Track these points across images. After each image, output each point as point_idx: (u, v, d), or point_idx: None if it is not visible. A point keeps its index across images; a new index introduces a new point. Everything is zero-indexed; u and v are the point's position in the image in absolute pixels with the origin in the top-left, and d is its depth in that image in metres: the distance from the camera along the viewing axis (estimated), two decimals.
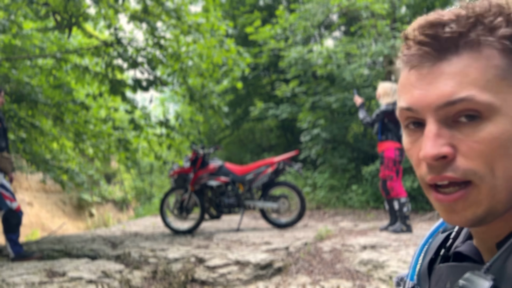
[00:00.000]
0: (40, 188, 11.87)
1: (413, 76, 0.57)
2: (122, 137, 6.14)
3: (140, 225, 7.39)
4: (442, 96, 0.54)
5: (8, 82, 5.80)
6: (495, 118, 0.53)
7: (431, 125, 0.55)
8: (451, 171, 0.54)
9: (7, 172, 4.37)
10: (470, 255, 0.61)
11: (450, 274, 0.60)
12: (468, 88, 0.53)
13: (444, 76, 0.54)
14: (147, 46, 5.81)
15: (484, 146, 0.53)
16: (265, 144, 11.94)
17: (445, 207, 0.56)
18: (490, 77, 0.53)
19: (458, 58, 0.54)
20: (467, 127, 0.54)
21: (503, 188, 0.54)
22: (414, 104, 0.56)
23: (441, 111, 0.54)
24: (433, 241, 0.72)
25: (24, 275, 3.74)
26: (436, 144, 0.53)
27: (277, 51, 9.01)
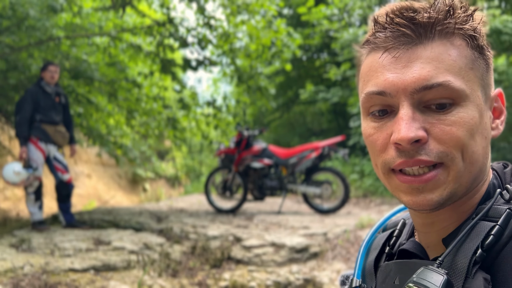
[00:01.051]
0: (98, 161, 12.51)
1: (386, 60, 0.56)
2: (171, 115, 6.30)
3: (186, 201, 7.61)
4: (419, 79, 0.54)
5: (67, 59, 6.10)
6: (465, 105, 0.55)
7: (406, 109, 0.55)
8: (425, 154, 0.54)
9: (61, 145, 4.62)
10: (415, 252, 0.62)
11: (399, 271, 0.60)
12: (444, 73, 0.54)
13: (420, 60, 0.54)
14: (197, 26, 5.87)
15: (456, 129, 0.54)
16: (315, 128, 11.79)
17: (411, 189, 0.56)
18: (462, 65, 0.55)
19: (432, 44, 0.55)
20: (439, 113, 0.55)
21: (468, 171, 0.56)
22: (388, 87, 0.56)
23: (416, 95, 0.55)
24: (375, 239, 0.72)
25: (74, 241, 3.99)
26: (412, 127, 0.54)
27: (330, 32, 8.79)
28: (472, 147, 0.55)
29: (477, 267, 0.52)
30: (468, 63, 0.56)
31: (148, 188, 14.15)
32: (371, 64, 0.58)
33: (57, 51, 5.87)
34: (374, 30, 0.58)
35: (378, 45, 0.57)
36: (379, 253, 0.68)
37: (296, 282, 3.44)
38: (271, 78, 9.44)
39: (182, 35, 5.92)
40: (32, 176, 4.32)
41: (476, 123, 0.55)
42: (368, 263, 0.69)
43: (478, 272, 0.52)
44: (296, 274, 3.52)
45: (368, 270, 0.68)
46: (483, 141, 0.57)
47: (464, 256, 0.53)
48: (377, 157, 0.59)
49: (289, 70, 6.95)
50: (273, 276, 3.51)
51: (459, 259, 0.54)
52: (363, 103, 0.60)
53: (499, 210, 0.55)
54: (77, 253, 3.72)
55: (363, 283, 0.67)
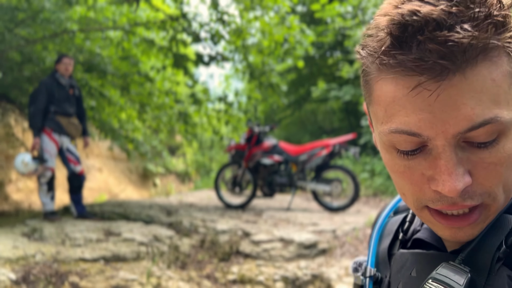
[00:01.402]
0: (109, 155, 12.62)
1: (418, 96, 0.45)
2: (183, 110, 6.33)
3: (196, 196, 7.64)
4: (464, 121, 0.44)
5: (81, 52, 6.16)
6: (511, 134, 0.47)
7: (448, 153, 0.46)
8: (469, 199, 0.48)
9: (73, 137, 4.67)
10: (432, 243, 0.58)
11: (416, 262, 0.57)
12: (490, 107, 0.44)
13: (462, 95, 0.44)
14: (210, 21, 5.88)
15: (500, 166, 0.47)
16: (327, 127, 11.75)
17: (451, 229, 0.51)
18: (506, 89, 0.45)
19: (473, 69, 0.43)
20: (482, 150, 0.47)
21: (506, 198, 0.51)
22: (424, 130, 0.46)
23: (459, 136, 0.46)
24: (387, 224, 0.68)
25: (84, 232, 4.03)
26: (459, 176, 0.46)
27: (344, 30, 8.74)
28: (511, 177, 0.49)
29: (501, 264, 0.49)
30: (510, 82, 0.46)
31: (158, 183, 14.24)
32: (394, 95, 0.47)
33: (71, 44, 5.93)
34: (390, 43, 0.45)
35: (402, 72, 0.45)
36: (392, 239, 0.65)
37: (304, 277, 3.43)
38: (283, 75, 9.42)
39: (195, 30, 5.94)
40: (40, 167, 4.37)
41: None
42: (382, 250, 0.65)
43: (501, 269, 0.49)
44: (304, 270, 3.52)
45: (382, 257, 0.64)
46: None
47: (487, 252, 0.50)
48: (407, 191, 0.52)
49: (301, 67, 6.94)
50: (281, 271, 3.51)
51: (482, 255, 0.50)
52: (387, 140, 0.50)
53: None
54: (88, 243, 3.77)
55: (378, 271, 0.63)
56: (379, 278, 0.63)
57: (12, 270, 3.00)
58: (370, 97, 0.52)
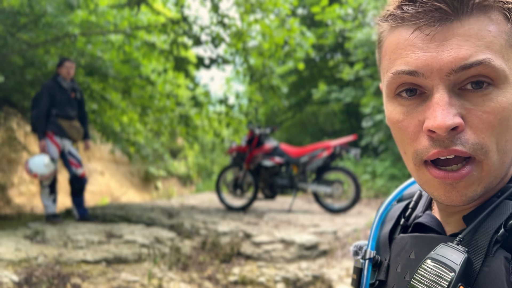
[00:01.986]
0: (111, 159, 12.65)
1: (418, 38, 0.50)
2: (184, 113, 6.35)
3: (198, 199, 7.65)
4: (457, 59, 0.49)
5: (83, 56, 6.19)
6: (505, 87, 0.50)
7: (442, 93, 0.50)
8: (460, 144, 0.50)
9: (75, 140, 4.69)
10: (432, 226, 0.60)
11: (415, 245, 0.59)
12: (484, 51, 0.49)
13: (457, 37, 0.49)
14: (211, 24, 5.91)
15: (493, 117, 0.50)
16: (328, 129, 11.76)
17: (445, 186, 0.52)
18: (502, 43, 0.50)
19: (469, 19, 0.49)
20: (476, 96, 0.50)
21: (500, 162, 0.52)
22: (421, 67, 0.50)
23: (453, 76, 0.49)
24: (390, 210, 0.70)
25: (86, 234, 4.05)
26: (449, 114, 0.49)
27: (344, 32, 8.76)
28: (507, 136, 0.51)
29: (498, 246, 0.50)
30: (508, 40, 0.50)
31: (160, 186, 14.26)
32: (398, 41, 0.52)
33: (72, 48, 5.96)
34: (400, 2, 0.52)
35: (406, 21, 0.51)
36: (394, 224, 0.66)
37: (305, 278, 3.44)
38: (284, 78, 9.44)
39: (196, 33, 5.97)
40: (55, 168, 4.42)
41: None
42: (383, 235, 0.66)
43: (498, 251, 0.50)
44: (305, 271, 3.53)
45: (383, 241, 0.66)
46: None
47: (485, 234, 0.51)
48: (407, 146, 0.54)
49: (302, 69, 6.96)
50: (282, 272, 3.52)
51: (480, 237, 0.51)
52: (390, 83, 0.54)
53: None
54: (90, 245, 3.78)
55: (377, 254, 0.65)
56: (378, 260, 0.64)
57: (14, 272, 3.01)
58: (380, 59, 0.57)
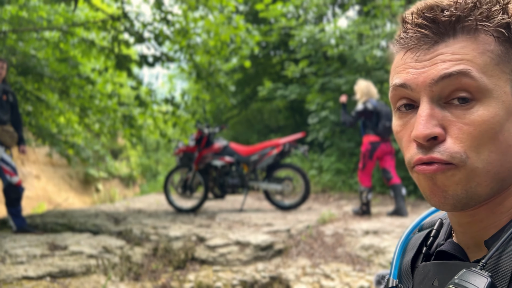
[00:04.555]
0: (47, 161, 11.95)
1: (409, 58, 0.57)
2: (127, 113, 6.09)
3: (144, 202, 7.41)
4: (438, 70, 0.54)
5: (14, 54, 5.75)
6: (487, 101, 0.53)
7: (424, 105, 0.55)
8: (438, 152, 0.54)
9: (8, 146, 4.34)
10: (455, 254, 0.60)
11: (438, 272, 0.59)
12: (465, 63, 0.53)
13: (442, 56, 0.54)
14: (154, 21, 5.70)
15: (474, 129, 0.53)
16: (273, 125, 11.85)
17: (427, 180, 0.56)
18: (487, 61, 0.54)
19: (454, 40, 0.54)
20: (459, 109, 0.54)
21: (484, 171, 0.54)
22: (409, 81, 0.56)
23: (435, 86, 0.54)
24: (411, 239, 0.71)
25: (26, 247, 3.76)
26: (429, 124, 0.54)
27: (288, 29, 8.83)
28: (490, 147, 0.54)
29: None
30: (494, 58, 0.54)
31: (101, 189, 13.68)
32: (397, 62, 0.60)
33: (2, 45, 5.52)
34: (401, 30, 0.59)
35: (402, 46, 0.58)
36: (416, 253, 0.67)
37: (263, 280, 3.42)
38: (229, 75, 9.36)
39: (138, 30, 5.74)
40: None
41: (499, 122, 0.53)
42: (405, 263, 0.67)
43: None
44: (262, 272, 3.50)
45: (405, 270, 0.67)
46: (510, 139, 0.55)
47: (509, 259, 0.52)
48: (405, 155, 0.60)
49: (248, 67, 6.92)
50: (239, 275, 3.47)
51: (503, 262, 0.52)
52: (391, 97, 0.61)
53: None
54: (31, 259, 3.51)
55: (400, 283, 0.66)
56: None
57: None
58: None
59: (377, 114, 4.89)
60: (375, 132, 4.94)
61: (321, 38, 7.84)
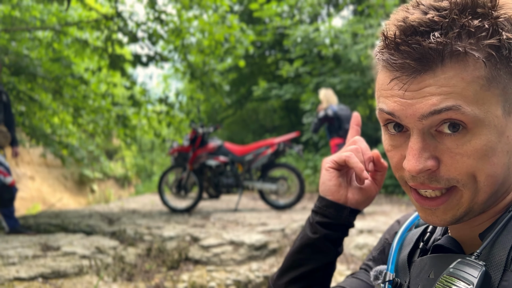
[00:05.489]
0: (42, 162, 11.89)
1: (396, 86, 0.54)
2: (121, 113, 6.07)
3: (138, 202, 7.38)
4: (427, 105, 0.52)
5: (7, 54, 5.71)
6: (479, 130, 0.52)
7: (415, 137, 0.54)
8: (435, 181, 0.55)
9: (2, 146, 4.31)
10: (451, 248, 0.61)
11: (434, 265, 0.60)
12: (455, 98, 0.51)
13: (430, 87, 0.52)
14: (147, 21, 5.68)
15: (467, 158, 0.53)
16: (268, 125, 11.84)
17: (425, 210, 0.57)
18: (477, 88, 0.51)
19: (442, 68, 0.51)
20: (450, 139, 0.53)
21: (483, 191, 0.55)
22: (397, 112, 0.55)
23: (425, 120, 0.53)
24: (408, 235, 0.72)
25: (19, 248, 3.73)
26: (421, 159, 0.53)
27: (282, 29, 8.82)
28: (487, 171, 0.53)
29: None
30: (484, 84, 0.51)
31: (96, 189, 13.64)
32: (382, 83, 0.57)
33: None
34: (383, 44, 0.55)
35: (386, 68, 0.56)
36: (412, 248, 0.68)
37: (256, 280, 3.41)
38: (224, 75, 9.34)
39: (132, 30, 5.71)
40: None
41: (492, 146, 0.53)
42: (402, 258, 0.68)
43: None
44: (256, 272, 3.49)
45: (402, 264, 0.67)
46: (504, 158, 0.54)
47: (502, 249, 0.53)
48: (395, 172, 0.60)
49: (243, 66, 6.91)
50: (232, 275, 3.46)
51: (497, 252, 0.54)
52: (378, 116, 0.60)
53: None
54: (23, 260, 3.49)
55: (397, 277, 0.67)
56: (398, 283, 0.65)
57: None
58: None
59: (338, 119, 5.22)
60: (339, 135, 5.27)
61: (316, 37, 7.84)
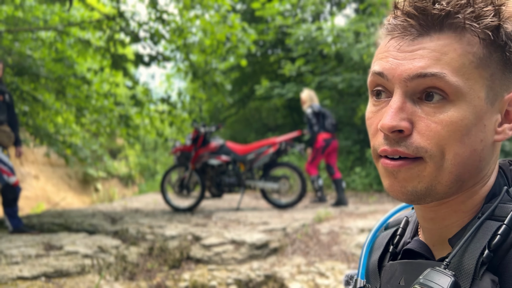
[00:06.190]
0: (46, 161, 11.95)
1: (392, 46, 0.57)
2: (124, 112, 6.09)
3: (141, 201, 7.41)
4: (415, 67, 0.54)
5: (10, 55, 5.75)
6: (459, 104, 0.53)
7: (396, 97, 0.55)
8: (404, 146, 0.55)
9: (5, 146, 4.35)
10: (420, 252, 0.61)
11: (404, 271, 0.59)
12: (442, 66, 0.53)
13: (423, 50, 0.54)
14: (149, 21, 5.70)
15: (441, 128, 0.53)
16: (271, 124, 11.84)
17: (389, 174, 0.57)
18: (465, 62, 0.53)
19: (439, 36, 0.54)
20: (430, 107, 0.54)
21: (448, 171, 0.55)
22: (386, 70, 0.56)
23: (410, 82, 0.54)
24: (377, 238, 0.71)
25: (22, 248, 3.77)
26: (396, 117, 0.54)
27: (284, 28, 8.82)
28: (456, 149, 0.54)
29: (485, 268, 0.52)
30: (474, 61, 0.54)
31: (100, 188, 13.69)
32: (381, 47, 0.60)
33: None
34: (391, 15, 0.58)
35: (388, 32, 0.58)
36: (382, 252, 0.67)
37: (257, 279, 3.42)
38: (226, 74, 9.36)
39: (134, 30, 5.73)
40: None
41: (467, 125, 0.54)
42: (372, 263, 0.68)
43: (485, 274, 0.51)
44: (257, 271, 3.51)
45: (372, 269, 0.67)
46: (476, 144, 0.55)
47: (471, 257, 0.53)
48: (371, 142, 0.60)
49: (245, 65, 6.92)
50: (234, 274, 3.48)
51: (466, 260, 0.53)
52: (369, 82, 0.60)
53: (506, 209, 0.55)
54: (26, 259, 3.52)
55: (368, 283, 0.66)
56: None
57: None
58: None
59: (322, 115, 5.60)
60: (326, 130, 5.59)
61: (318, 36, 7.83)
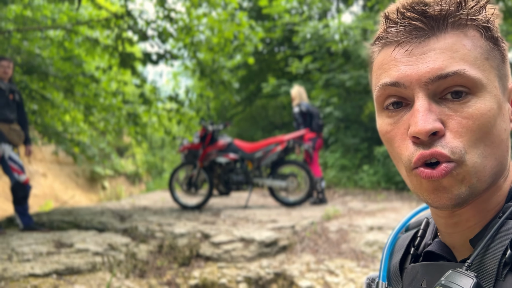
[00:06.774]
0: (54, 159, 12.03)
1: (399, 54, 0.55)
2: (132, 111, 6.11)
3: (149, 199, 7.44)
4: (434, 69, 0.53)
5: (19, 53, 5.78)
6: (482, 95, 0.54)
7: (421, 100, 0.54)
8: (440, 146, 0.53)
9: (16, 145, 4.38)
10: (442, 254, 0.61)
11: (426, 273, 0.59)
12: (459, 62, 0.53)
13: (434, 51, 0.54)
14: (157, 19, 5.71)
15: (472, 122, 0.53)
16: (277, 122, 11.83)
17: (432, 184, 0.54)
18: (477, 55, 0.54)
19: (445, 35, 0.54)
20: (455, 104, 0.54)
21: (482, 166, 0.54)
22: (402, 78, 0.55)
23: (431, 85, 0.53)
24: (398, 240, 0.71)
25: (33, 245, 3.80)
26: (429, 119, 0.52)
27: (291, 25, 8.80)
28: (486, 141, 0.54)
29: (508, 269, 0.51)
30: (483, 53, 0.55)
31: (107, 186, 13.76)
32: (383, 59, 0.57)
33: (7, 45, 5.55)
34: (385, 26, 0.58)
35: (390, 40, 0.56)
36: (403, 254, 0.67)
37: (267, 276, 3.43)
38: (233, 72, 9.36)
39: (142, 28, 5.75)
40: None
41: (494, 115, 0.54)
42: (393, 265, 0.67)
43: (509, 274, 0.51)
44: (266, 269, 3.51)
45: (394, 272, 0.66)
46: (502, 134, 0.55)
47: (493, 258, 0.52)
48: (397, 155, 0.57)
49: (252, 63, 6.91)
50: (243, 272, 3.48)
51: (488, 261, 0.52)
52: (378, 97, 0.58)
53: None
54: (37, 257, 3.55)
55: (389, 285, 0.65)
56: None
57: None
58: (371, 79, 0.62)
59: (310, 115, 5.69)
60: (312, 129, 5.72)
61: (325, 33, 7.81)
